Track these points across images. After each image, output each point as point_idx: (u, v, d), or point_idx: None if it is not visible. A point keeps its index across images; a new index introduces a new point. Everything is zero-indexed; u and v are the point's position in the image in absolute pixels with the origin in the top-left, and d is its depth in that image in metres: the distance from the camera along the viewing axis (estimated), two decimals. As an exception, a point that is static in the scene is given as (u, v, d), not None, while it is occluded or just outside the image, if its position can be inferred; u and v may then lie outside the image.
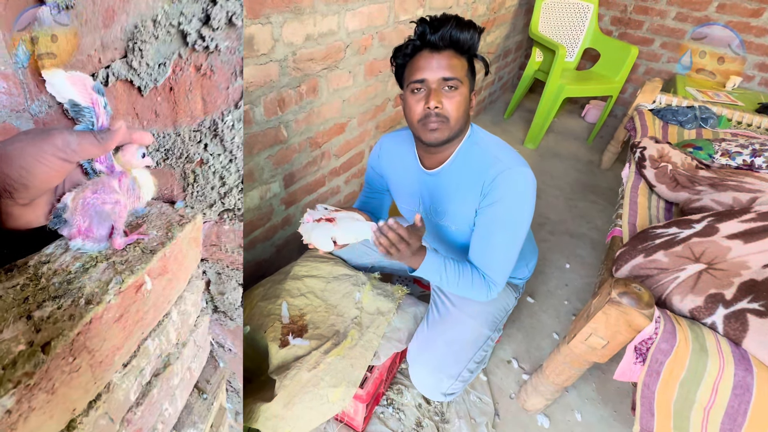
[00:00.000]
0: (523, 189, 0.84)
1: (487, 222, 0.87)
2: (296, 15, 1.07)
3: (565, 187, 2.27)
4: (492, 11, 2.31)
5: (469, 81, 0.82)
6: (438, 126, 0.81)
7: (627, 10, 2.77)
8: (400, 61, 0.84)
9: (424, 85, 0.79)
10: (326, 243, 0.80)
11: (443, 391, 1.01)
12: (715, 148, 1.50)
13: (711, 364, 0.75)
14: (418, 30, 0.79)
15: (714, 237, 0.94)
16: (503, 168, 0.83)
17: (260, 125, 1.13)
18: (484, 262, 0.89)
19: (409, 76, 0.81)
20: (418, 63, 0.79)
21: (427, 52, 0.79)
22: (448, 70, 0.78)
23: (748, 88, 2.55)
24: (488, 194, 0.85)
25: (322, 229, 0.80)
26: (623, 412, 1.20)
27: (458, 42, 0.77)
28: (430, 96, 0.79)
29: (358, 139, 1.65)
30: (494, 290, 0.90)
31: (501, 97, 3.33)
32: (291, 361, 0.98)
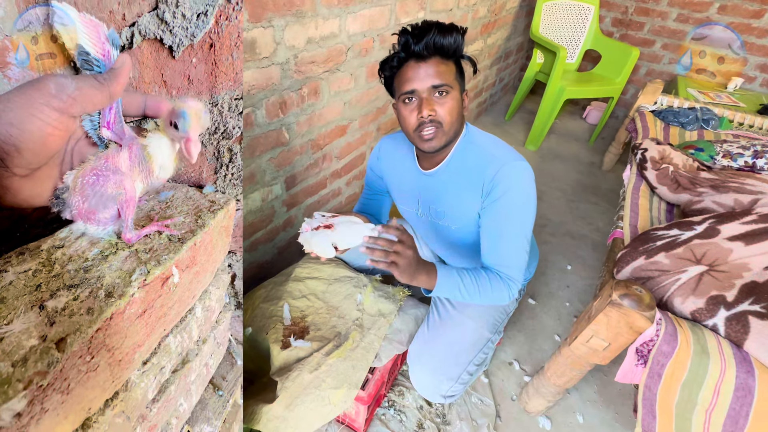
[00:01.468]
0: (524, 182, 0.85)
1: (494, 220, 0.87)
2: (298, 18, 1.08)
3: (567, 189, 2.27)
4: (493, 13, 2.32)
5: (459, 83, 0.82)
6: (433, 134, 0.81)
7: (628, 11, 2.77)
8: (388, 74, 0.84)
9: (415, 95, 0.80)
10: (327, 250, 0.80)
11: (443, 393, 1.02)
12: (716, 150, 1.50)
13: (712, 366, 0.75)
14: (402, 41, 0.78)
15: (715, 239, 0.94)
16: (501, 164, 0.84)
17: (262, 128, 1.14)
18: (499, 260, 0.88)
19: (399, 88, 0.82)
20: (406, 74, 0.79)
21: (413, 63, 0.79)
22: (437, 77, 0.78)
23: (750, 89, 2.55)
24: (490, 192, 0.85)
25: (322, 236, 0.81)
26: (625, 414, 1.20)
27: (443, 48, 0.77)
28: (422, 105, 0.79)
29: (360, 142, 1.66)
30: (514, 288, 0.88)
31: (502, 98, 3.33)
32: (292, 362, 0.98)
